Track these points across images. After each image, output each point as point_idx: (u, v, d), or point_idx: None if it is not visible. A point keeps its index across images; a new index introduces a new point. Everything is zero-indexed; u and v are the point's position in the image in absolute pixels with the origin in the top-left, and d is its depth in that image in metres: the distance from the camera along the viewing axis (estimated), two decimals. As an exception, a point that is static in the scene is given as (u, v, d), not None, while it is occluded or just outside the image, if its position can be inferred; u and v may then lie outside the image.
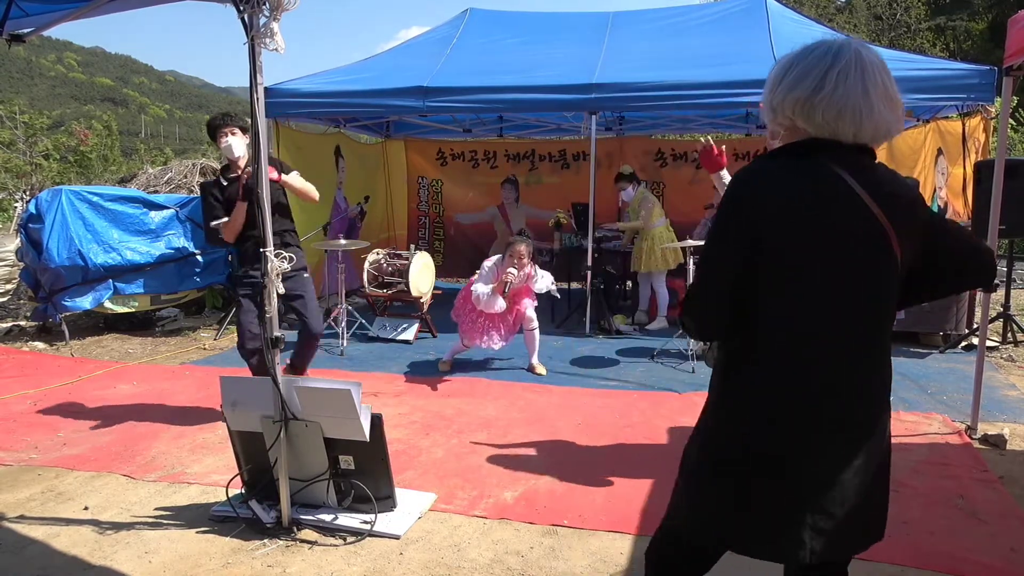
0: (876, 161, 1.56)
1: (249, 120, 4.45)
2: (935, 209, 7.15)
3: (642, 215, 6.94)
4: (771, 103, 1.58)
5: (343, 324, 6.35)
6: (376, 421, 3.01)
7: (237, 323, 4.42)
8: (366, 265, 6.86)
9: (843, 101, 1.47)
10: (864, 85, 1.47)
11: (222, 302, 7.85)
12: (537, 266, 5.46)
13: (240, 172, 4.27)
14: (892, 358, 1.59)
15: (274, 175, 4.13)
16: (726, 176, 3.43)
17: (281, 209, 4.35)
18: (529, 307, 5.49)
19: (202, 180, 4.65)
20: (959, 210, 7.38)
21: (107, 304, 6.82)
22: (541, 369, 5.61)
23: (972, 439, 4.13)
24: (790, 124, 1.56)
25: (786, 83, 1.53)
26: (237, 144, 4.36)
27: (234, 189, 4.30)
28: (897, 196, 1.52)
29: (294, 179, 4.41)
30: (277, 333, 2.97)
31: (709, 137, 3.46)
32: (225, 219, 4.30)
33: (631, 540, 2.99)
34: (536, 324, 5.58)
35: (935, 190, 7.80)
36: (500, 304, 5.17)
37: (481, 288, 5.19)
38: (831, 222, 1.47)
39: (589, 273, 6.89)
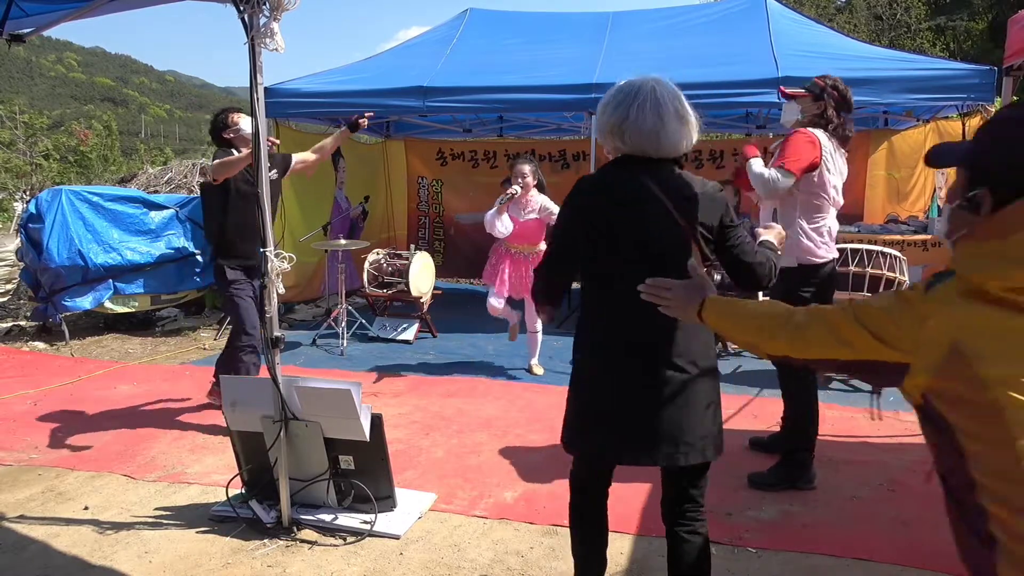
0: (680, 169, 2.06)
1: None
2: (935, 209, 7.15)
3: None
4: (599, 129, 2.09)
5: (343, 324, 6.35)
6: (376, 421, 3.01)
7: (239, 317, 4.31)
8: (366, 265, 6.86)
9: (641, 126, 1.97)
10: (658, 113, 1.97)
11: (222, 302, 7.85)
12: (538, 195, 5.24)
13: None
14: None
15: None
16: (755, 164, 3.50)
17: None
18: (537, 321, 5.47)
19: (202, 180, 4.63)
20: None
21: (107, 304, 6.82)
22: (538, 370, 5.60)
23: (972, 439, 4.12)
24: (612, 144, 2.06)
25: (605, 114, 2.05)
26: (248, 123, 4.23)
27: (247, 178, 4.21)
28: (691, 197, 2.01)
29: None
30: (277, 333, 2.97)
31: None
32: (233, 157, 4.15)
33: (631, 540, 2.99)
34: (540, 328, 5.56)
35: (935, 190, 7.80)
36: (506, 223, 5.09)
37: (489, 212, 5.14)
38: (642, 215, 1.99)
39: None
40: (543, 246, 5.29)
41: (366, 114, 4.63)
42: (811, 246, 3.38)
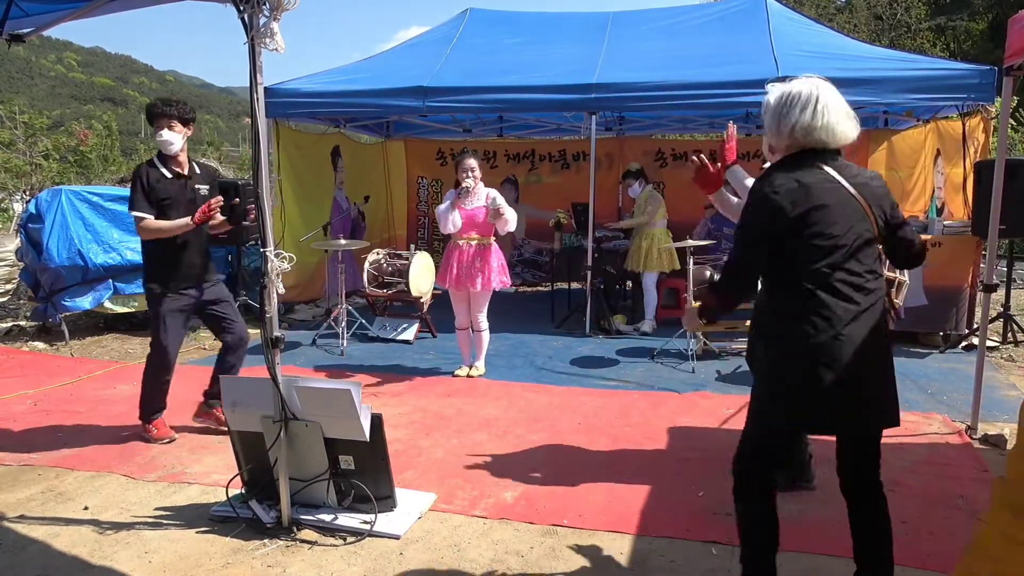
0: (843, 158, 2.30)
1: (187, 112, 4.04)
2: (934, 209, 7.16)
3: (648, 211, 6.91)
4: (780, 128, 2.26)
5: (343, 324, 6.35)
6: (376, 421, 3.01)
7: (159, 345, 4.09)
8: (366, 265, 6.86)
9: (829, 124, 2.20)
10: (840, 111, 2.22)
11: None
12: (485, 187, 5.33)
13: (206, 211, 3.92)
14: (893, 358, 2.22)
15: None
16: (739, 172, 3.34)
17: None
18: (482, 317, 5.38)
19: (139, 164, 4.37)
20: (953, 210, 7.37)
21: (107, 304, 6.82)
22: (474, 371, 5.53)
23: (972, 439, 4.13)
24: (791, 142, 2.26)
25: (791, 115, 2.23)
26: (175, 139, 3.98)
27: (174, 188, 4.03)
28: (866, 183, 2.27)
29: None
30: (277, 333, 2.97)
31: (700, 155, 3.27)
32: (151, 218, 3.93)
33: (631, 540, 2.99)
34: (486, 326, 5.44)
35: (934, 190, 7.80)
36: (456, 219, 5.16)
37: (440, 207, 5.23)
38: (832, 201, 2.19)
39: (589, 273, 6.89)
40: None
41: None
42: None
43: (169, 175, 4.06)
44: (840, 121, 2.22)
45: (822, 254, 2.16)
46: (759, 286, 2.37)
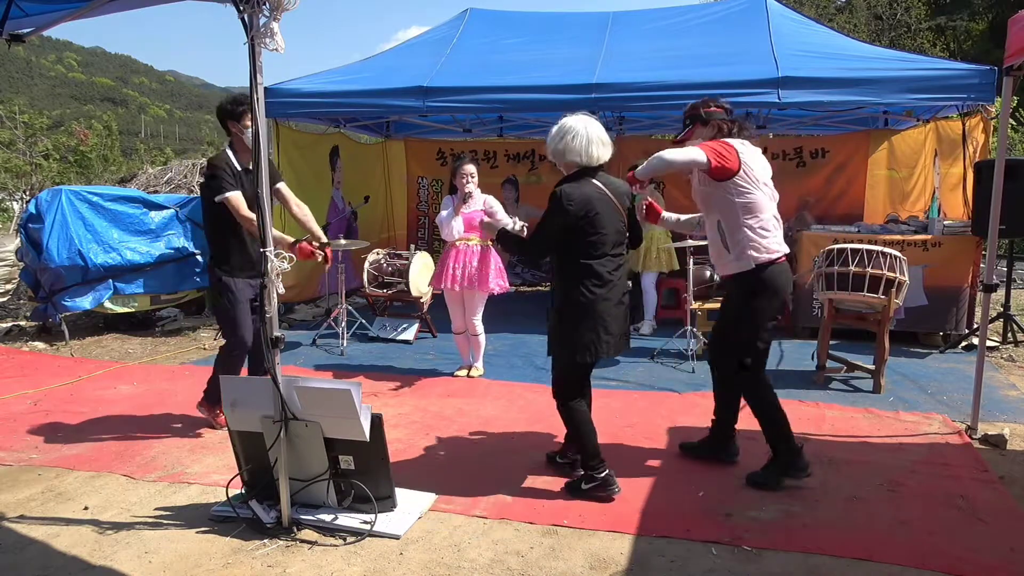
0: (604, 170, 3.37)
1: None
2: (935, 209, 7.16)
3: None
4: (560, 153, 3.29)
5: (343, 324, 6.35)
6: (376, 421, 3.01)
7: (234, 324, 4.23)
8: (366, 265, 6.86)
9: (592, 147, 3.24)
10: (599, 135, 3.28)
11: (222, 302, 7.84)
12: (485, 196, 5.37)
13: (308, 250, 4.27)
14: (892, 358, 1.93)
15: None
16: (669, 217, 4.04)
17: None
18: (478, 320, 5.37)
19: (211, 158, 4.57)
20: (948, 210, 7.38)
21: (107, 304, 6.82)
22: (474, 372, 5.54)
23: (972, 439, 4.13)
24: (571, 162, 3.27)
25: (567, 141, 3.26)
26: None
27: (242, 179, 4.20)
28: (620, 190, 3.37)
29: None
30: (277, 333, 2.97)
31: (644, 196, 3.62)
32: (238, 193, 4.11)
33: (631, 540, 2.99)
34: (482, 330, 5.43)
35: (935, 190, 7.80)
36: (458, 224, 5.20)
37: (442, 214, 5.29)
38: (604, 208, 3.25)
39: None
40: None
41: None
42: (761, 242, 3.41)
43: (239, 167, 4.30)
44: (596, 147, 3.23)
45: (597, 246, 3.21)
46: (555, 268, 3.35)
